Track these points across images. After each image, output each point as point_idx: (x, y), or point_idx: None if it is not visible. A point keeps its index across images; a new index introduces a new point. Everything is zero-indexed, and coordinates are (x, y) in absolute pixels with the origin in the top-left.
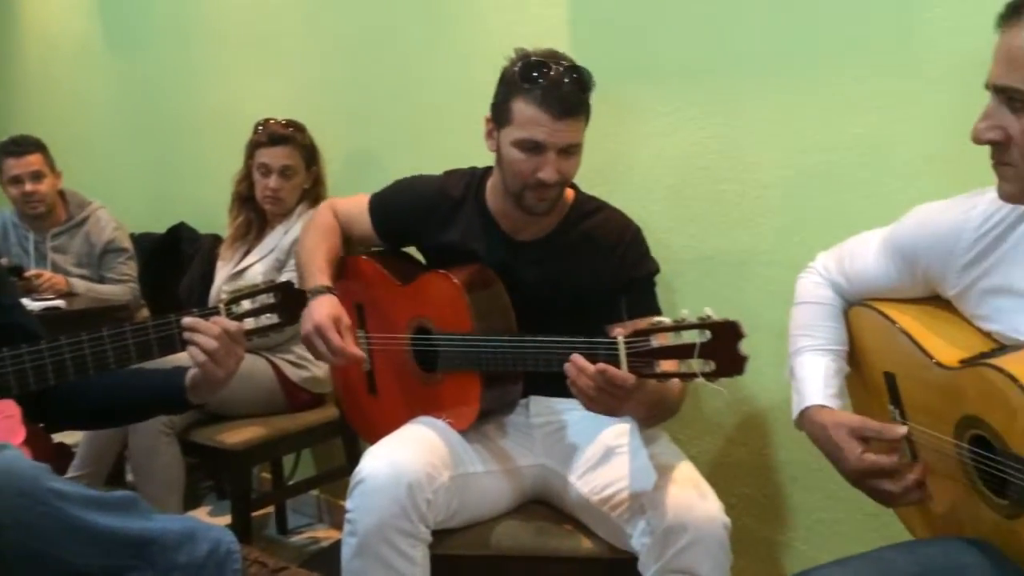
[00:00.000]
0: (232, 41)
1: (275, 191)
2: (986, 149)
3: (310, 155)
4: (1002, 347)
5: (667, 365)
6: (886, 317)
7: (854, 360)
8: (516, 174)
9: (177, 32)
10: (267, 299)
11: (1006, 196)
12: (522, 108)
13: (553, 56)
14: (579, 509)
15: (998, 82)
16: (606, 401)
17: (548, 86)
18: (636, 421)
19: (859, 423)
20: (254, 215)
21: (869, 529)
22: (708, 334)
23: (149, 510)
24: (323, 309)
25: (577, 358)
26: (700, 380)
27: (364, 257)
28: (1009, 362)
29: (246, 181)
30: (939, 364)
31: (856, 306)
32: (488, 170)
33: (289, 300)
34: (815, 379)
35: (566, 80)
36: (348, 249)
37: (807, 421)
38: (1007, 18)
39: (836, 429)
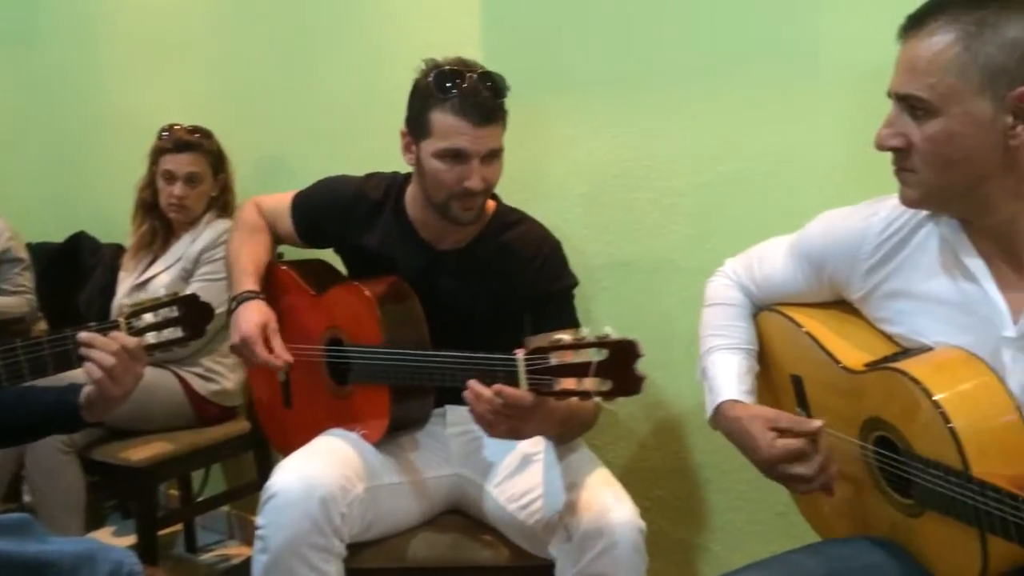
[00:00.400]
0: (138, 41)
1: (180, 199)
2: (888, 156)
3: (217, 162)
4: (905, 351)
5: (566, 383)
6: (793, 321)
7: (762, 363)
8: (440, 185)
9: (78, 28)
10: (170, 312)
11: (907, 202)
12: (441, 119)
13: (465, 64)
14: (496, 518)
15: (900, 90)
16: (507, 424)
17: (465, 94)
18: (548, 439)
19: (774, 414)
20: (159, 224)
21: (780, 529)
22: (606, 353)
23: (45, 533)
24: (250, 318)
25: (473, 384)
26: (596, 400)
27: (281, 266)
28: (911, 365)
29: (150, 188)
30: (844, 367)
31: (764, 311)
32: (409, 176)
33: (194, 313)
34: (728, 376)
35: (482, 87)
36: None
37: (722, 417)
38: (909, 28)
39: (751, 421)
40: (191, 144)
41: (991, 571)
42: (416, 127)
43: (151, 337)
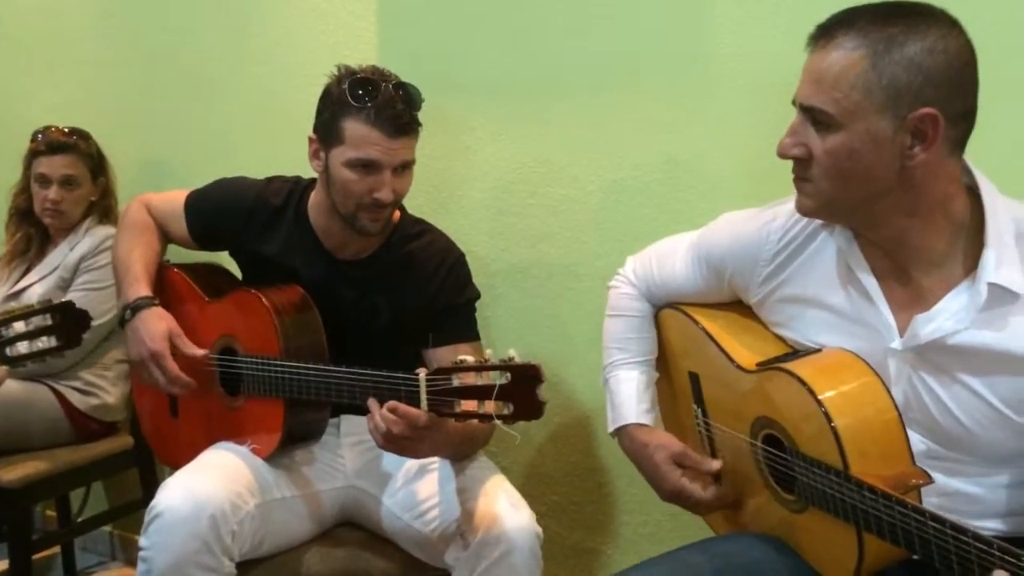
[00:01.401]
0: (11, 40)
1: (55, 203)
2: (780, 165)
3: (96, 165)
4: (795, 352)
5: (467, 405)
6: (692, 320)
7: (662, 360)
8: (349, 195)
9: None
10: (43, 320)
11: (803, 210)
12: (354, 128)
13: (380, 73)
14: (392, 529)
15: (805, 102)
16: (401, 441)
17: (380, 105)
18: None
19: (679, 450)
20: (34, 231)
21: (671, 529)
22: (508, 376)
23: None
24: (154, 329)
25: (371, 403)
26: (496, 423)
27: (172, 268)
28: (798, 366)
29: (25, 194)
30: (738, 366)
31: (665, 308)
32: (313, 182)
33: (69, 321)
34: (629, 397)
35: (398, 98)
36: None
37: (625, 438)
38: (816, 39)
39: (656, 450)
40: (66, 146)
41: (866, 567)
42: (326, 134)
43: (22, 347)
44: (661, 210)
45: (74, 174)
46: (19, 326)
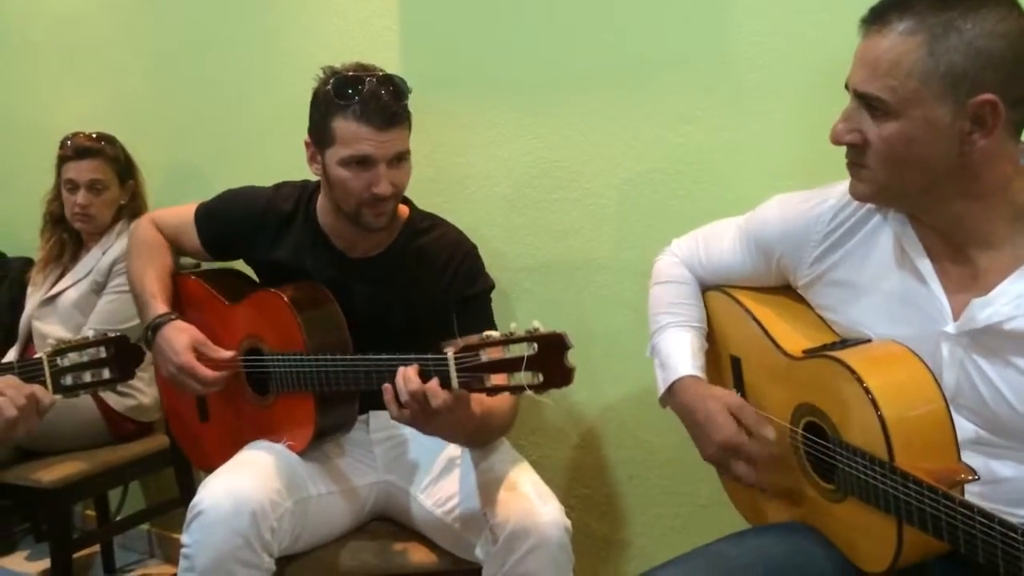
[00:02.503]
0: (36, 50)
1: (84, 207)
2: (807, 155)
3: (123, 169)
4: (843, 340)
5: (496, 379)
6: (739, 303)
7: (707, 341)
8: (349, 193)
9: None
10: (98, 353)
11: (858, 196)
12: (343, 126)
13: (364, 68)
14: (423, 523)
15: (860, 88)
16: (415, 415)
17: (366, 99)
18: (458, 445)
19: (738, 403)
20: (68, 236)
21: (703, 521)
22: (535, 347)
23: None
24: (177, 342)
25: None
26: (529, 393)
27: (190, 277)
28: (848, 355)
29: (57, 200)
30: (784, 352)
31: (710, 290)
32: (320, 185)
33: (123, 354)
34: (683, 352)
35: (383, 90)
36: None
37: (680, 391)
38: (870, 22)
39: (714, 400)
40: (92, 150)
41: (903, 559)
42: (319, 136)
43: (77, 377)
44: (686, 203)
45: (101, 178)
46: (74, 356)
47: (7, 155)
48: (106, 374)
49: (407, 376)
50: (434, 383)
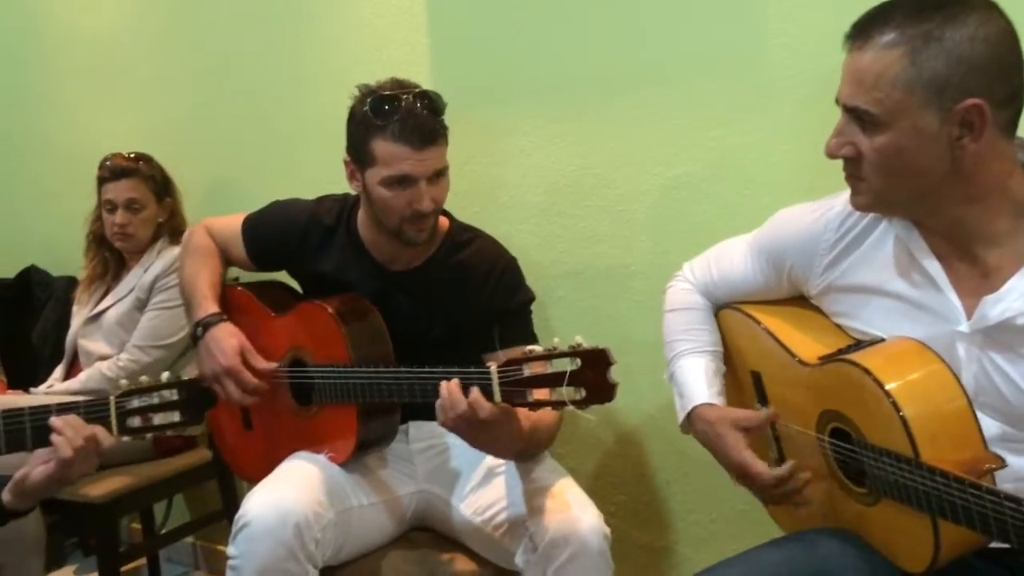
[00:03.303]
0: (77, 72)
1: (122, 227)
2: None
3: (160, 187)
4: (858, 343)
5: (539, 394)
6: (751, 318)
7: (724, 361)
8: (391, 211)
9: (15, 64)
10: (169, 395)
11: (859, 207)
12: (383, 146)
13: (400, 85)
14: (463, 532)
15: (848, 102)
16: (464, 426)
17: (404, 119)
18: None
19: (738, 414)
20: (110, 255)
21: (743, 526)
22: (578, 362)
23: None
24: (225, 344)
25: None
26: (571, 408)
27: (237, 287)
28: (863, 357)
29: (99, 220)
30: (801, 361)
31: (724, 309)
32: (359, 198)
33: (195, 399)
34: (698, 380)
35: (420, 108)
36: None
37: (696, 420)
38: (854, 38)
39: (720, 423)
40: (128, 170)
41: (943, 556)
42: (358, 156)
43: (143, 420)
44: (719, 207)
45: (137, 197)
46: (144, 398)
47: (49, 177)
48: (176, 417)
49: (451, 390)
50: (477, 394)
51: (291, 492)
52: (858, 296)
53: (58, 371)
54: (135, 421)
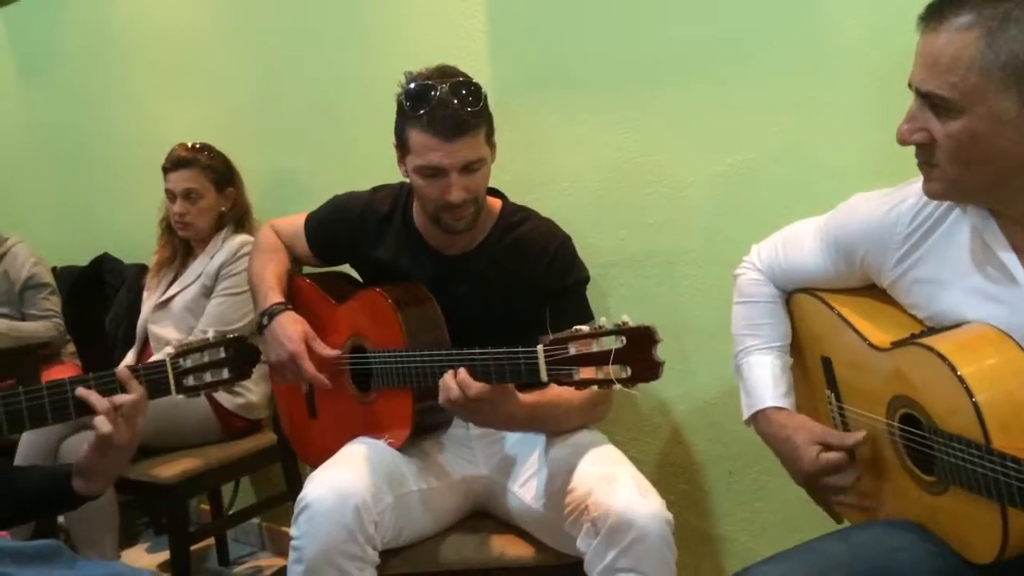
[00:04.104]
0: (147, 65)
1: (180, 216)
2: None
3: (220, 177)
4: (931, 328)
5: (585, 372)
6: (825, 303)
7: (794, 346)
8: (426, 199)
9: (88, 59)
10: (218, 353)
11: (932, 195)
12: (415, 136)
13: (441, 74)
14: (522, 517)
15: (921, 87)
16: (459, 408)
17: (433, 109)
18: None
19: (820, 431)
20: (177, 242)
21: (804, 516)
22: (624, 340)
23: (72, 558)
24: (291, 332)
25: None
26: (617, 387)
27: (301, 278)
28: (937, 341)
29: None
30: (872, 346)
31: (795, 293)
32: None
33: (242, 355)
34: (765, 381)
35: (453, 99)
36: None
37: (763, 422)
38: (927, 20)
39: (796, 432)
40: (187, 161)
41: (1011, 546)
42: (400, 143)
43: (197, 378)
44: (783, 192)
45: (195, 187)
46: (195, 357)
47: (120, 168)
48: (225, 374)
49: (444, 378)
50: (464, 375)
51: (350, 475)
52: (931, 288)
53: (130, 356)
54: (190, 380)
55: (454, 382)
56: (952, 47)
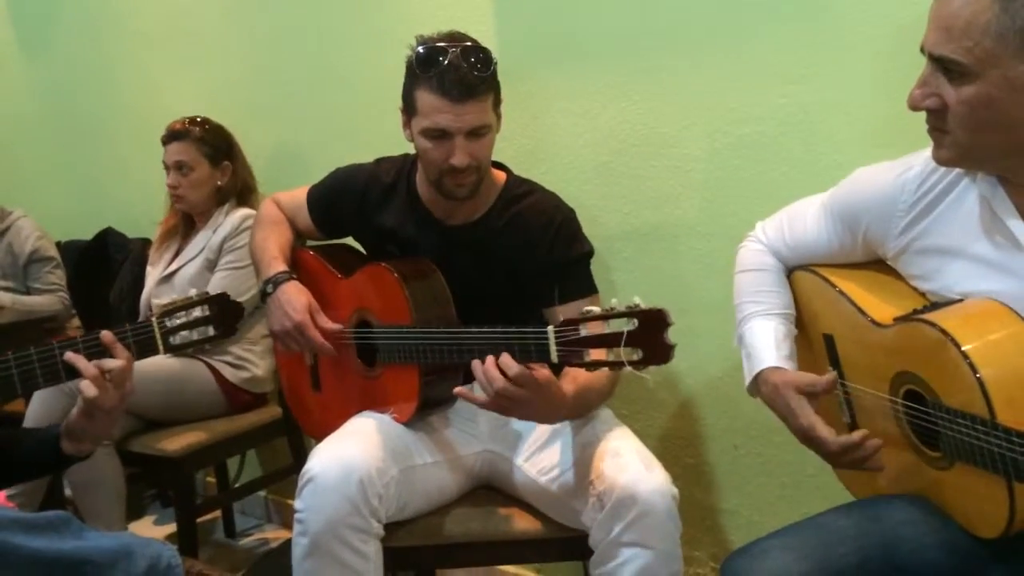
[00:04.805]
0: (148, 38)
1: (173, 188)
2: (908, 113)
3: (214, 151)
4: (934, 304)
5: (596, 354)
6: (825, 280)
7: (796, 324)
8: (430, 163)
9: (89, 32)
10: (202, 311)
11: (941, 161)
12: (423, 96)
13: (451, 38)
14: (527, 491)
15: (934, 51)
16: (506, 402)
17: (444, 71)
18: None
19: (800, 379)
20: (179, 216)
21: (811, 491)
22: (635, 322)
23: (82, 528)
24: (295, 301)
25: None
26: (628, 369)
27: (306, 251)
28: (940, 317)
29: None
30: (874, 322)
31: (797, 270)
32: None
33: (226, 312)
34: (766, 343)
35: (463, 62)
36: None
37: (762, 383)
38: None
39: (785, 387)
40: (179, 133)
41: (1018, 520)
42: (407, 105)
43: (184, 336)
44: (791, 165)
45: (186, 160)
46: (181, 316)
47: (123, 142)
48: (211, 331)
49: (484, 369)
50: (505, 357)
51: (354, 448)
52: (936, 258)
53: None
54: (177, 338)
55: (494, 369)
56: (967, 11)
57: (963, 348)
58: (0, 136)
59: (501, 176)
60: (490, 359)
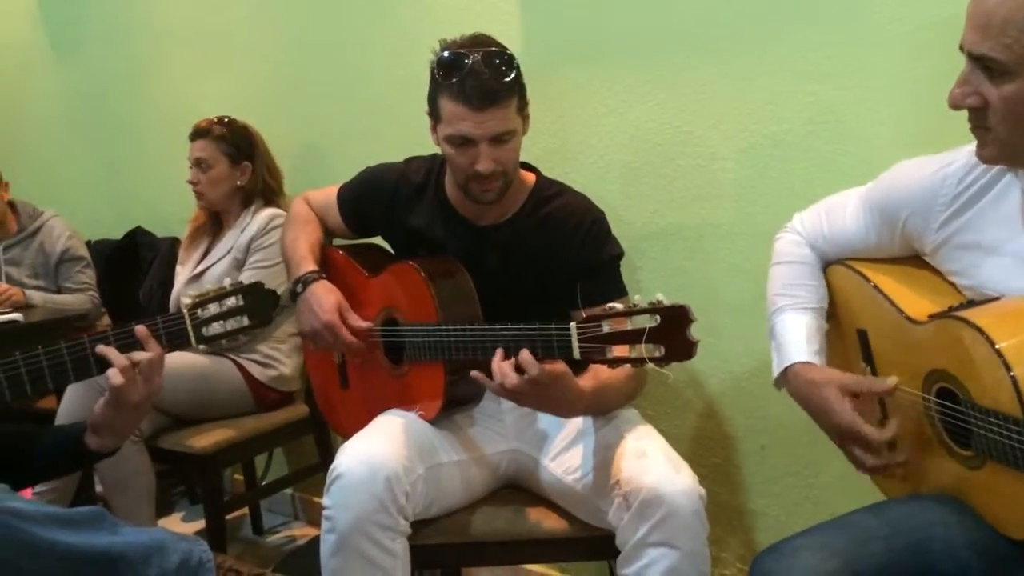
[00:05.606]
0: (177, 39)
1: (193, 184)
2: (938, 111)
3: (235, 150)
4: (970, 301)
5: (618, 351)
6: (860, 275)
7: (830, 318)
8: (456, 168)
9: (120, 33)
10: (235, 302)
11: (985, 159)
12: (446, 104)
13: (473, 43)
14: (553, 490)
15: (974, 50)
16: (521, 394)
17: (464, 78)
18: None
19: (850, 380)
20: (208, 215)
21: (837, 490)
22: (658, 319)
23: (115, 524)
24: (324, 301)
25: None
26: (650, 366)
27: (335, 250)
28: (976, 315)
29: None
30: (909, 319)
31: (832, 264)
32: None
33: (259, 302)
34: (797, 337)
35: (484, 69)
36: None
37: (792, 377)
38: None
39: (825, 386)
40: (201, 131)
41: None
42: (432, 111)
43: (217, 327)
44: (819, 164)
45: (205, 156)
46: (213, 307)
47: (153, 142)
48: (245, 321)
49: (497, 362)
50: (526, 354)
51: (381, 446)
52: (975, 254)
53: None
54: (209, 330)
55: (509, 367)
56: (1004, 8)
57: (997, 346)
58: (32, 138)
59: (531, 177)
60: (499, 353)
